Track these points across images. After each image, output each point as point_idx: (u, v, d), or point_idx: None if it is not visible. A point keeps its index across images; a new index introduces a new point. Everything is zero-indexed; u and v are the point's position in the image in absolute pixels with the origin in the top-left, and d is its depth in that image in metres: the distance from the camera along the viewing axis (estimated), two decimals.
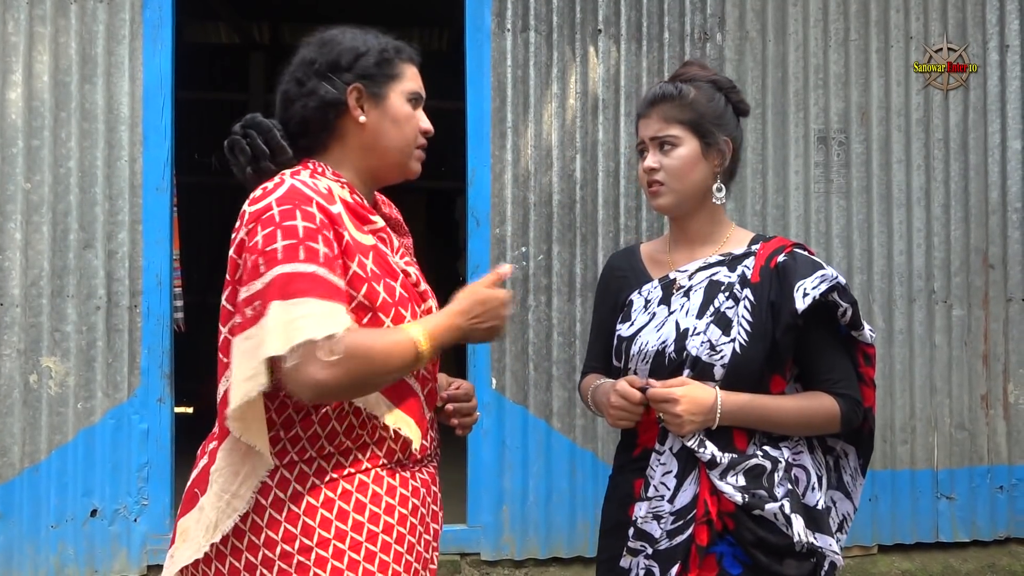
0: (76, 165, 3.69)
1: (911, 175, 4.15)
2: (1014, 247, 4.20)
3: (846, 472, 1.81)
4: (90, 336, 3.67)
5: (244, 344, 1.36)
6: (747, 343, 1.67)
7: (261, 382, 1.33)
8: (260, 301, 1.35)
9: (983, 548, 4.12)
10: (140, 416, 3.67)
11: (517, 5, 3.94)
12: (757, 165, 4.07)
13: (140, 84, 3.73)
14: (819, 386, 1.72)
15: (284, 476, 1.45)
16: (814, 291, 1.66)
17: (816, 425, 1.71)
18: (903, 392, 4.11)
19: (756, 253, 1.75)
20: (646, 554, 1.68)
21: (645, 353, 1.74)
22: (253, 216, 1.42)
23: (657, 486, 1.70)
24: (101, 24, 3.72)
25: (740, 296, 1.70)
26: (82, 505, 3.64)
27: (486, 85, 3.91)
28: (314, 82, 1.55)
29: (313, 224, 1.39)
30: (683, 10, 4.05)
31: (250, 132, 1.57)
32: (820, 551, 1.66)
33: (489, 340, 1.59)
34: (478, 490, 3.85)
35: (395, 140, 1.58)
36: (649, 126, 1.78)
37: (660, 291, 1.79)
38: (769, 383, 1.71)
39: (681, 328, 1.72)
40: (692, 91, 1.76)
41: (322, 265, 1.37)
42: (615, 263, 1.95)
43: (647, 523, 1.69)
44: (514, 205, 3.91)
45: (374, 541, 1.46)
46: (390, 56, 1.58)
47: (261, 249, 1.37)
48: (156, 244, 3.71)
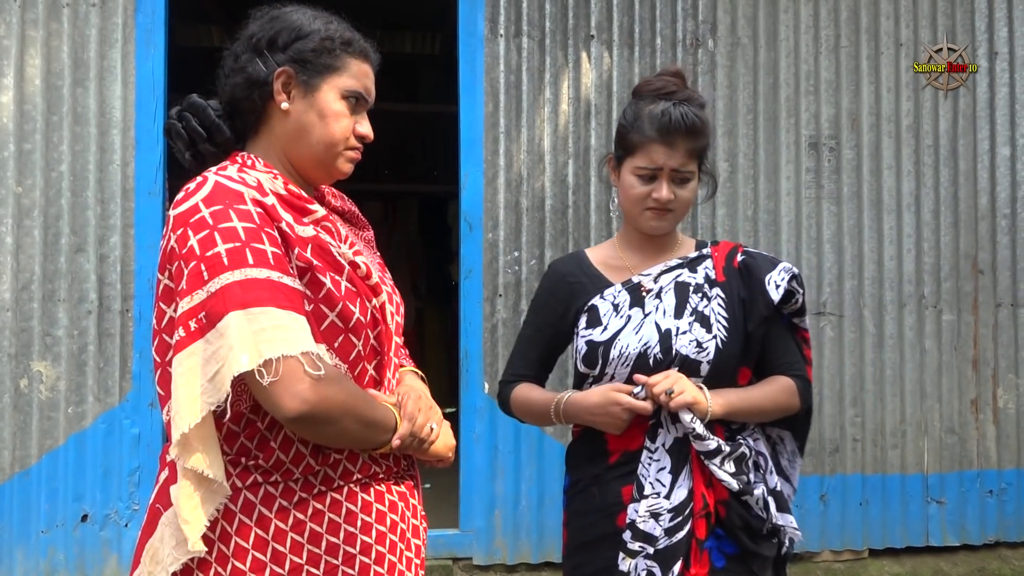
0: (68, 169, 3.68)
1: (901, 181, 4.18)
2: (1003, 252, 4.23)
3: (783, 456, 1.90)
4: (81, 340, 3.66)
5: (189, 361, 1.22)
6: (727, 339, 1.75)
7: (215, 400, 1.21)
8: (206, 312, 1.22)
9: (973, 552, 4.14)
10: (131, 421, 3.66)
11: (510, 10, 3.95)
12: (748, 171, 4.08)
13: (133, 88, 3.73)
14: (777, 370, 1.82)
15: (248, 499, 1.32)
16: (783, 282, 1.79)
17: (784, 407, 1.81)
18: (893, 397, 4.13)
19: (712, 255, 1.84)
20: (646, 554, 1.68)
21: (626, 356, 1.75)
22: (180, 220, 1.28)
23: (652, 483, 1.71)
24: (94, 28, 3.71)
25: (711, 295, 1.79)
26: (73, 510, 3.62)
27: (479, 90, 3.92)
28: (247, 57, 1.43)
29: (252, 223, 1.28)
30: (675, 16, 4.07)
31: (185, 115, 1.46)
32: (782, 529, 1.77)
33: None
34: (470, 495, 3.85)
35: (319, 136, 1.43)
36: (673, 156, 1.75)
37: (628, 295, 1.81)
38: (738, 376, 1.80)
39: (663, 329, 1.75)
40: (705, 120, 1.78)
41: (274, 268, 1.26)
42: (562, 269, 1.92)
43: (646, 523, 1.69)
44: (507, 210, 3.92)
45: (351, 564, 1.36)
46: (333, 46, 1.43)
47: (200, 255, 1.24)
48: (148, 248, 3.70)
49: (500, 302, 3.89)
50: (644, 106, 1.78)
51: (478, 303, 3.88)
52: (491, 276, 3.90)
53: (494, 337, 3.89)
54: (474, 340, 3.88)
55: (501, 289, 3.89)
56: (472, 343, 3.88)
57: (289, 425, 1.28)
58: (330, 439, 1.33)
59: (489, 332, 3.89)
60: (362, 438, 1.35)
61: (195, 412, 1.21)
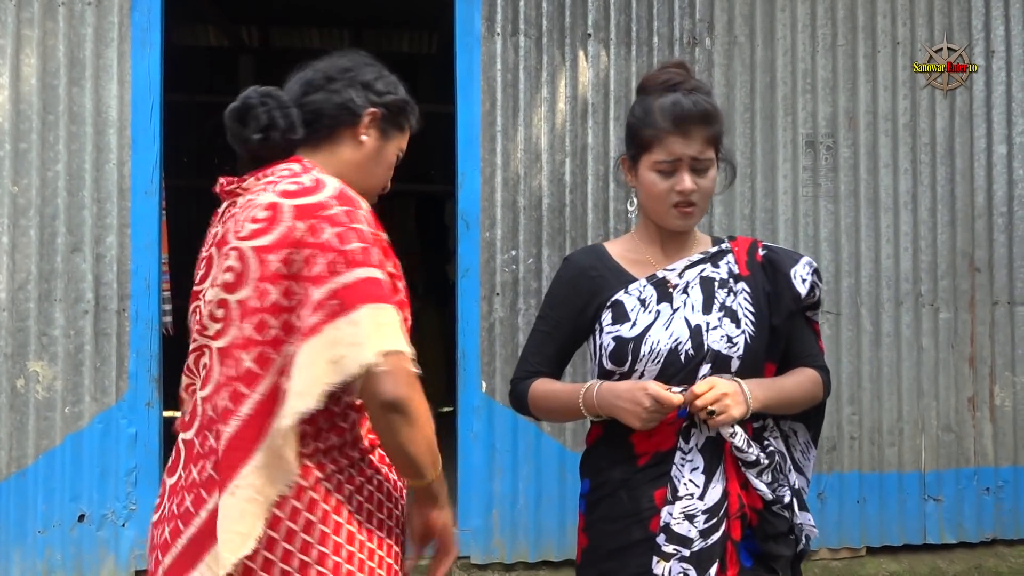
0: (64, 168, 3.67)
1: (898, 179, 4.18)
2: (1000, 250, 4.23)
3: (796, 449, 1.87)
4: (78, 340, 3.66)
5: (317, 342, 1.33)
6: (755, 333, 1.74)
7: (336, 381, 1.33)
8: (340, 301, 1.33)
9: (970, 550, 4.14)
10: (128, 420, 3.65)
11: (507, 9, 3.94)
12: (746, 169, 4.08)
13: (129, 87, 3.72)
14: (801, 362, 1.82)
15: (317, 474, 1.42)
16: (809, 276, 1.80)
17: (811, 397, 1.80)
18: (891, 395, 4.13)
19: (732, 250, 1.82)
20: (680, 557, 1.64)
21: (657, 352, 1.70)
22: (307, 212, 1.39)
23: (687, 484, 1.67)
24: (89, 27, 3.70)
25: (736, 289, 1.77)
26: (70, 510, 3.62)
27: (476, 89, 3.91)
28: (342, 83, 1.59)
29: (370, 228, 1.43)
30: (672, 15, 4.07)
31: (268, 101, 1.54)
32: (800, 526, 1.76)
33: None
34: (468, 493, 3.85)
35: (376, 176, 1.66)
36: (690, 145, 1.70)
37: (654, 290, 1.76)
38: (763, 370, 1.78)
39: (693, 324, 1.72)
40: (717, 107, 1.76)
41: (385, 273, 1.40)
42: (583, 262, 1.84)
43: (680, 525, 1.65)
44: (504, 209, 3.92)
45: (397, 508, 1.54)
46: (409, 111, 1.68)
47: (338, 248, 1.36)
48: (145, 248, 3.69)
49: (497, 301, 3.89)
50: (653, 100, 1.74)
51: (475, 302, 3.88)
52: (488, 275, 3.90)
53: (491, 336, 3.88)
54: (471, 339, 3.87)
55: (498, 288, 3.89)
56: (469, 342, 3.87)
57: (381, 410, 1.36)
58: (395, 435, 1.39)
59: (486, 331, 3.88)
60: (420, 457, 1.43)
61: (317, 393, 1.32)
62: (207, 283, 1.49)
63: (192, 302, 1.55)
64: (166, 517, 1.46)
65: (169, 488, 1.49)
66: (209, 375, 1.45)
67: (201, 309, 1.49)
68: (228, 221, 1.51)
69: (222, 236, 1.49)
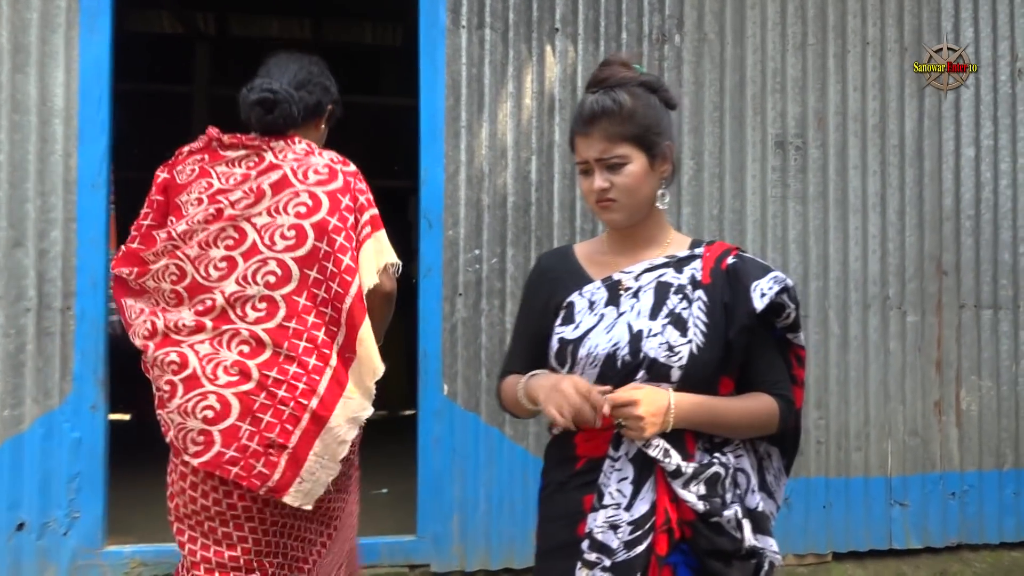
0: (6, 159, 3.49)
1: (867, 181, 4.15)
2: (967, 254, 4.22)
3: (769, 472, 1.82)
4: (19, 340, 3.48)
5: (370, 246, 2.17)
6: (704, 344, 1.65)
7: (386, 263, 2.22)
8: (371, 226, 2.18)
9: (935, 555, 4.13)
10: (72, 424, 3.48)
11: (472, 1, 3.83)
12: (714, 169, 4.02)
13: (76, 75, 3.55)
14: (759, 387, 1.72)
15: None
16: (770, 291, 1.68)
17: (758, 426, 1.71)
18: (857, 399, 4.09)
19: (702, 256, 1.75)
20: (603, 566, 1.60)
21: (594, 356, 1.67)
22: (353, 174, 2.20)
23: (612, 493, 1.63)
24: (35, 11, 3.53)
25: (693, 297, 1.69)
26: (8, 519, 3.44)
27: (440, 83, 3.80)
28: (315, 86, 2.29)
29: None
30: (641, 10, 3.99)
31: (291, 98, 2.18)
32: (761, 552, 1.66)
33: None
34: (428, 499, 3.74)
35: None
36: (592, 146, 1.70)
37: (605, 292, 1.73)
38: (718, 385, 1.69)
39: (634, 330, 1.67)
40: (630, 100, 1.69)
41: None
42: (546, 264, 1.87)
43: (604, 533, 1.61)
44: (468, 207, 3.81)
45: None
46: (337, 112, 2.42)
47: (369, 197, 2.20)
48: (91, 243, 3.53)
49: (460, 301, 3.78)
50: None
51: (437, 302, 3.77)
52: (451, 275, 3.79)
53: (453, 337, 3.78)
54: (433, 340, 3.76)
55: (461, 288, 3.79)
56: (431, 343, 3.76)
57: (382, 299, 2.20)
58: (385, 313, 2.25)
59: (448, 332, 3.77)
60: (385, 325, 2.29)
61: (373, 278, 2.16)
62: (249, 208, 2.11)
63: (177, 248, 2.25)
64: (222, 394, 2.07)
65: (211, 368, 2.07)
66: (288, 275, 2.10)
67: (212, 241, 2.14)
68: (256, 169, 2.13)
69: (280, 178, 2.11)
